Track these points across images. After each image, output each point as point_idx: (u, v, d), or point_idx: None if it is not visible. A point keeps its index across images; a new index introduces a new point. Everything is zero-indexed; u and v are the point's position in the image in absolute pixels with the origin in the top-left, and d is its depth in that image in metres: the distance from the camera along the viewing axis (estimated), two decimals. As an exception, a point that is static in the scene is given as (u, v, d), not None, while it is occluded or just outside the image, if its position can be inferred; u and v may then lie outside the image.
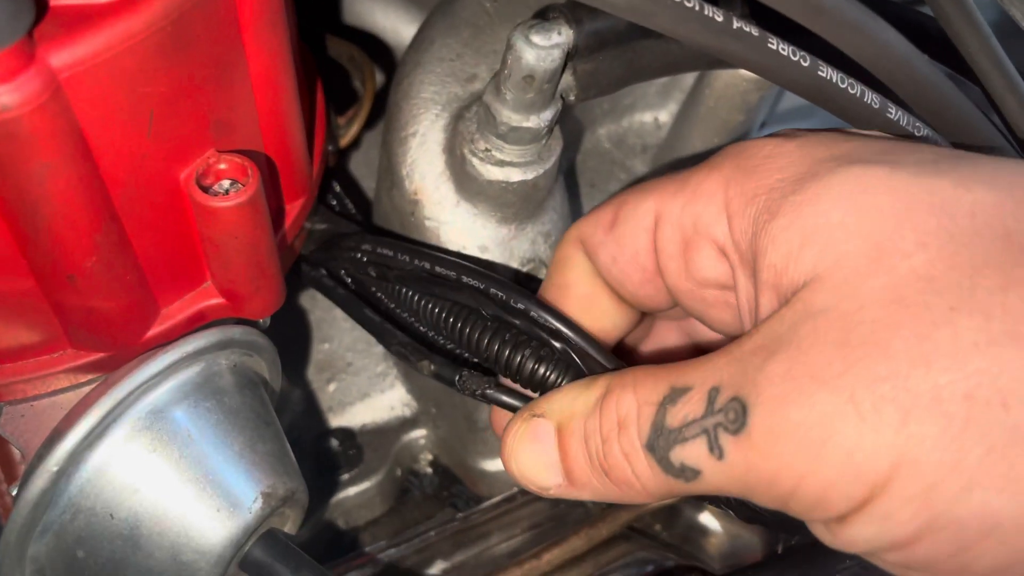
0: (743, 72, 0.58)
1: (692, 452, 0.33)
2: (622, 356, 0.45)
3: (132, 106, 0.35)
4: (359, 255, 0.51)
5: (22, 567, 0.41)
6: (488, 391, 0.45)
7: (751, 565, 0.59)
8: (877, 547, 0.30)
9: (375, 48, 0.69)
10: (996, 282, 0.29)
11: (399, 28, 0.70)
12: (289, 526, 0.47)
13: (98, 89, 0.33)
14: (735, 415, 0.32)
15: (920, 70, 0.40)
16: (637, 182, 0.71)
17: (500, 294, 0.44)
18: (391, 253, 0.50)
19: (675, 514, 0.64)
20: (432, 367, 0.48)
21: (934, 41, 0.46)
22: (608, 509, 0.61)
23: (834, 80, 0.39)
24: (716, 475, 0.33)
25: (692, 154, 0.69)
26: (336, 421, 0.69)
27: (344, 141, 0.59)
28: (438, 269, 0.47)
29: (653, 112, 0.72)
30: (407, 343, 0.50)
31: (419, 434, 0.70)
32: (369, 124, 0.62)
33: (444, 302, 0.47)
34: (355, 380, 0.69)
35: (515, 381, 0.44)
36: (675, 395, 0.34)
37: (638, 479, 0.36)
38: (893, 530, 0.29)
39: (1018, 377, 0.28)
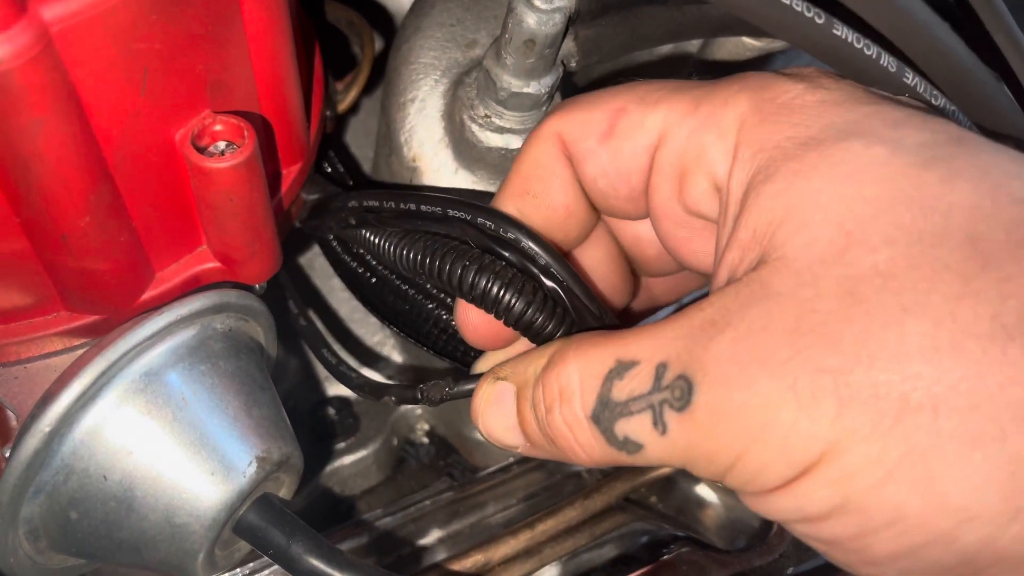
0: (746, 40, 0.57)
1: (636, 426, 0.34)
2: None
3: (126, 62, 0.35)
4: (345, 213, 0.50)
5: (15, 528, 0.41)
6: (450, 391, 0.46)
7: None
8: (793, 519, 0.32)
9: (374, 13, 0.68)
10: (953, 289, 0.29)
11: (399, -6, 0.70)
12: (284, 491, 0.47)
13: (91, 44, 0.33)
14: (681, 392, 0.33)
15: (940, 38, 0.39)
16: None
17: (488, 223, 0.42)
18: (377, 203, 0.48)
19: (671, 486, 0.64)
20: (393, 399, 0.50)
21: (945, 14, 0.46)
22: (603, 480, 0.61)
23: (849, 40, 0.38)
24: (658, 449, 0.34)
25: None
26: (333, 390, 0.69)
27: (342, 106, 0.59)
28: (423, 208, 0.45)
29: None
30: (364, 384, 0.53)
31: (415, 404, 0.69)
32: (368, 90, 0.62)
33: (426, 244, 0.44)
34: (353, 349, 0.69)
35: (500, 319, 0.42)
36: (621, 369, 0.35)
37: (582, 448, 0.36)
38: (808, 507, 0.31)
39: (952, 386, 0.28)
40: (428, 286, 0.55)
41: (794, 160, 0.33)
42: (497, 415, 0.40)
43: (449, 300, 0.55)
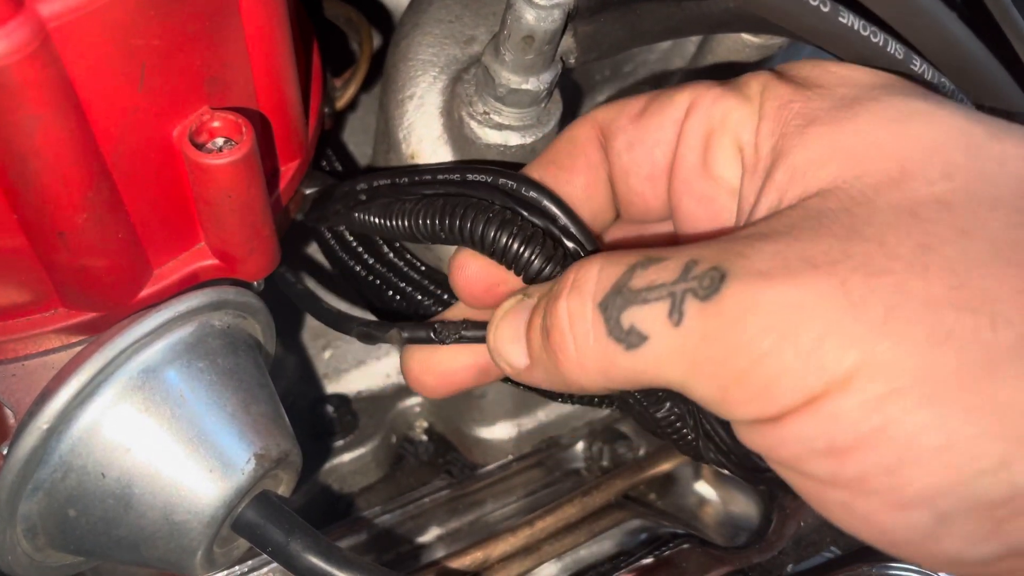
0: (745, 37, 0.57)
1: (647, 314, 0.31)
2: None
3: (123, 58, 0.35)
4: (353, 198, 0.50)
5: (13, 525, 0.41)
6: (465, 333, 0.44)
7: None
8: (810, 451, 0.28)
9: (372, 10, 0.68)
10: (1011, 219, 0.29)
11: (397, -9, 0.69)
12: (282, 488, 0.47)
13: (88, 39, 0.33)
14: (710, 282, 0.30)
15: (946, 26, 0.39)
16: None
17: (510, 183, 0.43)
18: (388, 181, 0.48)
19: (670, 483, 0.64)
20: (403, 334, 0.46)
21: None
22: (602, 477, 0.61)
23: (856, 28, 0.38)
24: (663, 345, 0.30)
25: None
26: (332, 388, 0.69)
27: (340, 103, 0.59)
28: (440, 176, 0.45)
29: (654, 79, 0.72)
30: (368, 322, 0.50)
31: (414, 401, 0.70)
32: (366, 87, 0.61)
33: (445, 203, 0.44)
34: (350, 347, 0.69)
35: (519, 275, 0.42)
36: (647, 262, 0.32)
37: (574, 340, 0.33)
38: (835, 433, 0.28)
39: (1009, 299, 0.27)
40: (422, 279, 0.55)
41: (835, 108, 0.33)
42: (509, 324, 0.39)
43: (444, 295, 0.55)
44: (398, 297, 0.56)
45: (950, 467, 0.26)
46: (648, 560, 0.55)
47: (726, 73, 0.60)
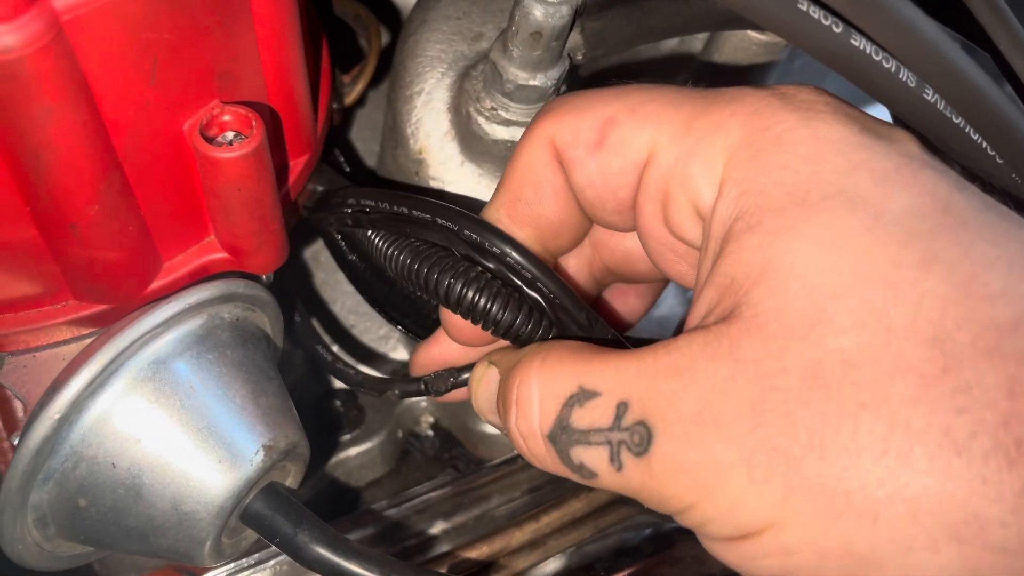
0: (752, 35, 0.57)
1: (593, 456, 0.35)
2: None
3: (135, 51, 0.35)
4: (344, 209, 0.50)
5: (24, 515, 0.42)
6: (455, 381, 0.47)
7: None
8: (738, 569, 0.34)
9: (381, 6, 0.68)
10: (911, 392, 0.29)
11: (405, -13, 0.70)
12: (290, 480, 0.47)
13: (100, 32, 0.33)
14: (640, 439, 0.34)
15: (951, 58, 0.37)
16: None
17: (473, 236, 0.43)
18: (373, 203, 0.48)
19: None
20: (396, 392, 0.50)
21: (943, 5, 0.45)
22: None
23: (868, 52, 0.36)
24: (612, 481, 0.35)
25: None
26: (339, 383, 0.69)
27: (349, 99, 0.59)
28: (414, 213, 0.45)
29: (662, 76, 0.72)
30: (365, 379, 0.54)
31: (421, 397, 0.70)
32: (374, 83, 0.62)
33: (416, 251, 0.45)
34: (358, 342, 0.70)
35: (486, 330, 0.43)
36: (583, 397, 0.36)
37: (535, 456, 0.38)
38: (750, 567, 0.33)
39: (895, 492, 0.29)
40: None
41: (778, 214, 0.33)
42: (485, 395, 0.43)
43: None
44: (401, 297, 0.56)
45: None
46: (651, 554, 0.56)
47: (731, 70, 0.60)
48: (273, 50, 0.42)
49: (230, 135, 0.40)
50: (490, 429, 0.67)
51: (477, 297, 0.42)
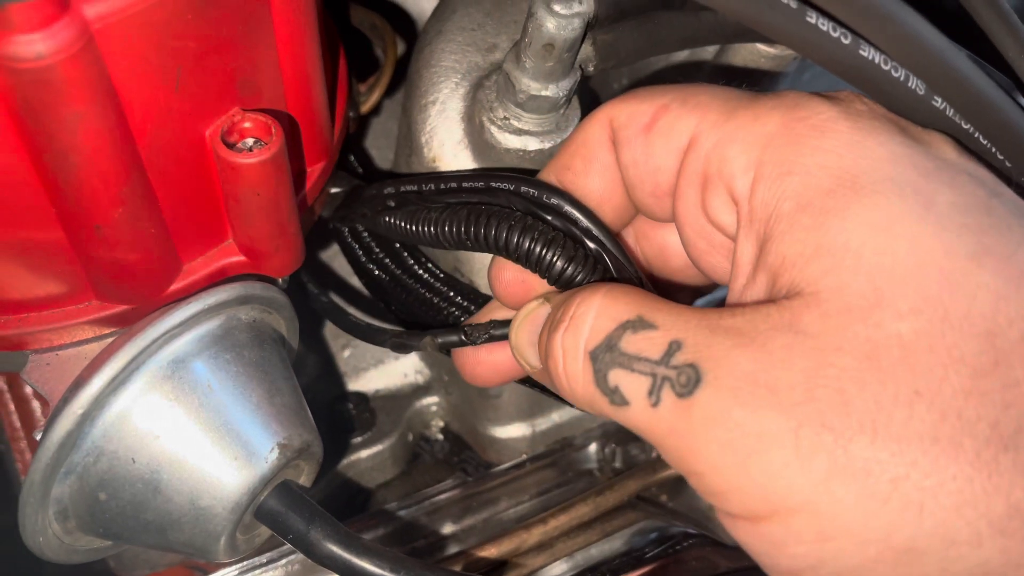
0: (761, 47, 0.58)
1: (631, 383, 0.34)
2: None
3: (161, 59, 0.36)
4: (380, 202, 0.51)
5: (46, 507, 0.43)
6: (494, 332, 0.46)
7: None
8: (757, 554, 0.33)
9: (396, 17, 0.70)
10: (963, 384, 0.30)
11: (420, -1, 0.71)
12: (304, 479, 0.48)
13: (129, 41, 0.34)
14: (687, 380, 0.33)
15: (956, 66, 0.38)
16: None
17: (532, 190, 0.44)
18: (415, 187, 0.49)
19: (682, 485, 0.65)
20: (436, 340, 0.49)
21: (951, 19, 0.46)
22: (615, 478, 0.62)
23: (877, 62, 0.37)
24: (641, 416, 0.34)
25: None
26: (351, 386, 0.70)
27: (365, 107, 0.60)
28: (465, 184, 0.46)
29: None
30: (400, 332, 0.52)
31: (431, 401, 0.71)
32: (389, 92, 0.63)
33: (469, 211, 0.46)
34: (370, 347, 0.70)
35: (544, 277, 0.43)
36: (639, 325, 0.35)
37: (566, 376, 0.37)
38: (778, 557, 0.32)
39: (941, 483, 0.29)
40: (442, 286, 0.57)
41: (828, 195, 0.33)
42: (528, 328, 0.42)
43: (462, 301, 0.56)
44: (412, 300, 0.57)
45: None
46: (657, 557, 0.56)
47: (744, 77, 0.61)
48: (292, 59, 0.43)
49: (250, 141, 0.41)
50: (499, 434, 0.67)
51: (535, 244, 0.43)
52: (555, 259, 0.42)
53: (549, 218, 0.43)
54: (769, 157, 0.35)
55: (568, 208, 0.43)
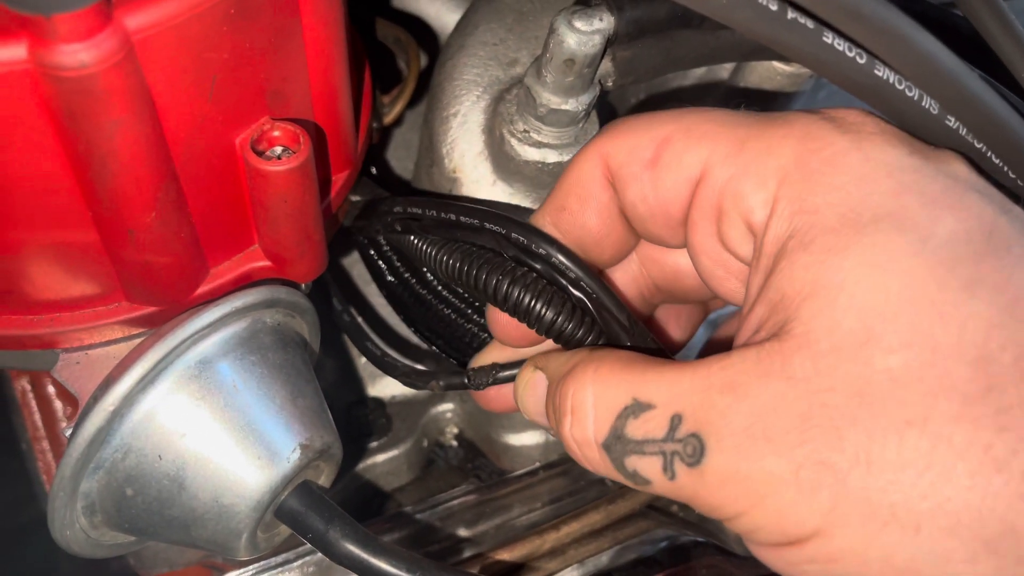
0: (777, 65, 0.59)
1: (646, 465, 0.37)
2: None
3: (197, 70, 0.37)
4: (390, 217, 0.52)
5: (74, 502, 0.44)
6: (498, 376, 0.48)
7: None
8: (777, 570, 0.36)
9: (420, 32, 0.71)
10: (954, 410, 0.31)
11: (443, 14, 0.72)
12: (323, 479, 0.49)
13: (167, 52, 0.35)
14: (693, 451, 0.35)
15: (969, 87, 0.38)
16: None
17: (521, 238, 0.45)
18: (420, 211, 0.50)
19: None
20: (440, 383, 0.52)
21: (966, 42, 0.47)
22: (627, 488, 0.63)
23: (891, 81, 0.37)
24: (664, 488, 0.37)
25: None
26: (368, 391, 0.71)
27: (388, 118, 0.61)
28: (462, 219, 0.48)
29: (689, 104, 0.74)
30: (410, 370, 0.56)
31: (446, 408, 0.72)
32: (411, 104, 0.64)
33: (464, 254, 0.47)
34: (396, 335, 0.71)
35: (532, 328, 0.45)
36: (637, 409, 0.37)
37: (588, 461, 0.39)
38: (795, 572, 0.35)
39: (938, 506, 0.30)
40: (459, 303, 0.58)
41: (831, 234, 0.34)
42: (532, 399, 0.44)
43: (478, 317, 0.57)
44: (428, 313, 0.59)
45: None
46: (668, 566, 0.57)
47: (757, 100, 0.62)
48: (321, 71, 0.44)
49: (279, 149, 0.42)
50: (513, 441, 0.68)
51: (523, 295, 0.44)
52: (543, 312, 0.44)
53: (537, 266, 0.44)
54: (783, 194, 0.36)
55: (557, 258, 0.44)
